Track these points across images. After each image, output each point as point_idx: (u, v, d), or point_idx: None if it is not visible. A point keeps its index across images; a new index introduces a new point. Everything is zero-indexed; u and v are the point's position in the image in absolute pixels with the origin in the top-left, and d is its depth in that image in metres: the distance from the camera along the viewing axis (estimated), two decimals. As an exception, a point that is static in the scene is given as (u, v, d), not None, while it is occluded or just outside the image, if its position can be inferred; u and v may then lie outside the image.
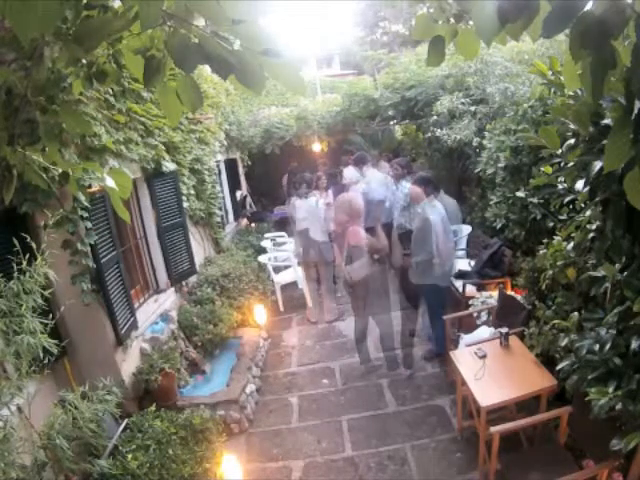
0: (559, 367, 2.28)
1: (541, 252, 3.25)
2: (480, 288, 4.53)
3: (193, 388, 4.00)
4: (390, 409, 3.73)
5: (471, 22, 1.28)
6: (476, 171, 5.18)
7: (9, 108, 1.24)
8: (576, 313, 2.46)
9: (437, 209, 4.07)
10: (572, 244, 2.53)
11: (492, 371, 2.83)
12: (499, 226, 4.33)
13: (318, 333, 5.27)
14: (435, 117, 6.38)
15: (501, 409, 2.92)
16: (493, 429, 2.38)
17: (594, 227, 2.19)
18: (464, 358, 3.06)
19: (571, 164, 2.03)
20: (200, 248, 5.71)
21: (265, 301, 5.52)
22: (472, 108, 5.66)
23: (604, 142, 1.41)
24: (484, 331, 3.62)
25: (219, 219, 6.33)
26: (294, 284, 6.15)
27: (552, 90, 2.45)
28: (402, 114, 7.61)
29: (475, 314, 4.02)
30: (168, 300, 4.58)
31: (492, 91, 5.15)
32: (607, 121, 1.71)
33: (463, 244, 5.39)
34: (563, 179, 2.32)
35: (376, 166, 7.38)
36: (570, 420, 2.44)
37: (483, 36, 1.13)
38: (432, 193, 4.08)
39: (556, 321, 2.64)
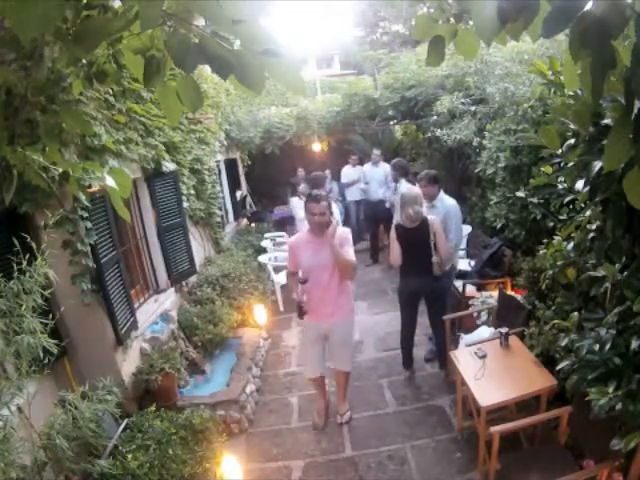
0: (559, 367, 2.27)
1: (541, 252, 3.25)
2: (480, 288, 4.53)
3: (193, 388, 4.00)
4: (390, 409, 3.73)
5: (471, 22, 1.28)
6: (476, 171, 5.19)
7: (9, 108, 1.24)
8: (576, 313, 2.46)
9: (438, 209, 4.08)
10: (572, 244, 2.53)
11: (492, 371, 2.83)
12: (499, 226, 4.33)
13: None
14: (435, 117, 6.39)
15: (501, 409, 2.92)
16: (493, 429, 2.38)
17: (594, 227, 2.19)
18: (464, 358, 3.06)
19: (571, 164, 2.03)
20: (200, 248, 5.71)
21: (265, 301, 5.52)
22: (472, 108, 5.66)
23: (604, 142, 1.41)
24: (484, 331, 3.62)
25: (219, 219, 6.33)
26: (294, 284, 6.15)
27: (552, 90, 2.45)
28: (402, 114, 7.61)
29: (475, 314, 4.02)
30: (168, 300, 4.58)
31: (492, 91, 5.15)
32: (607, 121, 1.71)
33: (463, 244, 5.40)
34: (563, 179, 2.32)
35: (377, 165, 7.40)
36: (570, 420, 2.44)
37: (483, 36, 1.13)
38: (439, 190, 4.17)
39: (556, 321, 2.64)
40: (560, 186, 2.38)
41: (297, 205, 6.72)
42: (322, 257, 3.07)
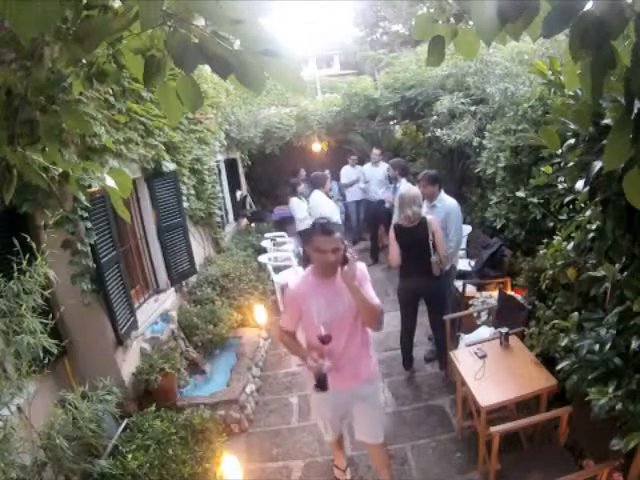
0: (559, 367, 2.28)
1: (541, 252, 3.26)
2: (480, 288, 4.54)
3: (193, 388, 4.00)
4: (390, 409, 3.73)
5: (471, 22, 1.28)
6: (476, 171, 5.19)
7: (9, 108, 1.24)
8: (576, 313, 2.46)
9: (438, 209, 4.08)
10: (572, 244, 2.54)
11: (492, 371, 2.83)
12: (499, 226, 4.34)
13: (318, 333, 5.26)
14: (435, 117, 6.39)
15: (501, 409, 2.92)
16: (493, 429, 2.38)
17: (594, 227, 2.19)
18: (464, 358, 3.06)
19: (571, 164, 2.04)
20: (200, 248, 5.71)
21: (265, 301, 5.52)
22: (472, 108, 5.67)
23: (604, 142, 1.41)
24: (484, 331, 3.62)
25: (219, 219, 6.33)
26: (294, 284, 6.14)
27: (552, 90, 2.45)
28: (402, 114, 7.62)
29: (475, 314, 4.02)
30: (168, 300, 4.58)
31: (492, 91, 5.15)
32: (607, 121, 1.71)
33: (463, 244, 5.40)
34: (563, 179, 2.33)
35: (376, 165, 7.40)
36: (570, 420, 2.44)
37: (483, 36, 1.13)
38: (440, 190, 4.16)
39: (556, 321, 2.65)
40: (560, 186, 2.39)
41: (297, 205, 6.73)
42: (340, 305, 2.31)
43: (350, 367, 2.44)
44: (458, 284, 4.58)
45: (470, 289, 4.57)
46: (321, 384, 2.23)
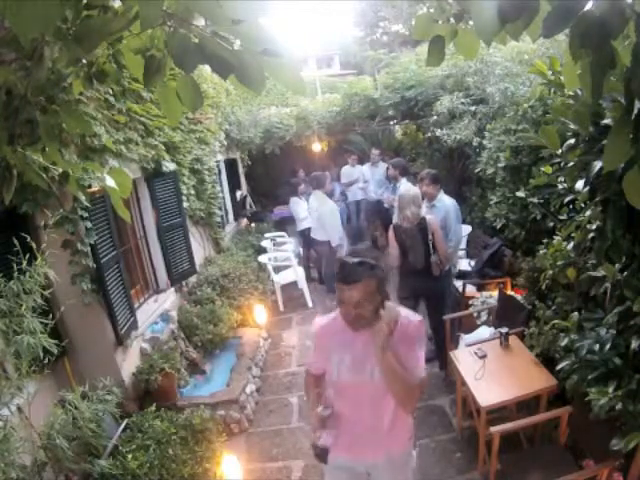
0: (559, 367, 2.28)
1: (541, 252, 3.25)
2: (480, 288, 4.53)
3: (193, 388, 4.00)
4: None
5: (471, 22, 1.28)
6: (476, 171, 5.18)
7: (9, 108, 1.24)
8: (576, 313, 2.46)
9: (438, 208, 4.08)
10: (572, 244, 2.54)
11: (492, 371, 2.83)
12: (499, 226, 4.33)
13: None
14: (435, 117, 6.39)
15: (501, 409, 2.92)
16: (493, 429, 2.38)
17: (594, 227, 2.19)
18: (464, 358, 3.06)
19: (571, 164, 2.04)
20: (200, 248, 5.71)
21: (265, 301, 5.52)
22: (472, 108, 5.67)
23: (604, 142, 1.41)
24: (484, 331, 3.62)
25: (219, 219, 6.33)
26: (294, 284, 6.16)
27: (552, 90, 2.45)
28: (402, 114, 7.61)
29: (475, 314, 4.02)
30: (168, 300, 4.58)
31: (492, 91, 5.15)
32: (607, 121, 1.71)
33: (463, 244, 5.40)
34: (563, 179, 2.33)
35: (376, 165, 7.41)
36: (570, 420, 2.44)
37: (483, 36, 1.13)
38: (440, 189, 4.17)
39: (556, 321, 2.65)
40: (560, 186, 2.39)
41: (297, 205, 6.74)
42: (368, 372, 1.76)
43: (373, 438, 1.89)
44: (458, 284, 4.58)
45: (470, 289, 4.56)
46: (318, 456, 1.82)
